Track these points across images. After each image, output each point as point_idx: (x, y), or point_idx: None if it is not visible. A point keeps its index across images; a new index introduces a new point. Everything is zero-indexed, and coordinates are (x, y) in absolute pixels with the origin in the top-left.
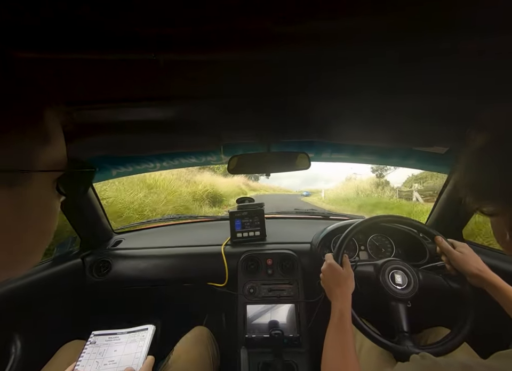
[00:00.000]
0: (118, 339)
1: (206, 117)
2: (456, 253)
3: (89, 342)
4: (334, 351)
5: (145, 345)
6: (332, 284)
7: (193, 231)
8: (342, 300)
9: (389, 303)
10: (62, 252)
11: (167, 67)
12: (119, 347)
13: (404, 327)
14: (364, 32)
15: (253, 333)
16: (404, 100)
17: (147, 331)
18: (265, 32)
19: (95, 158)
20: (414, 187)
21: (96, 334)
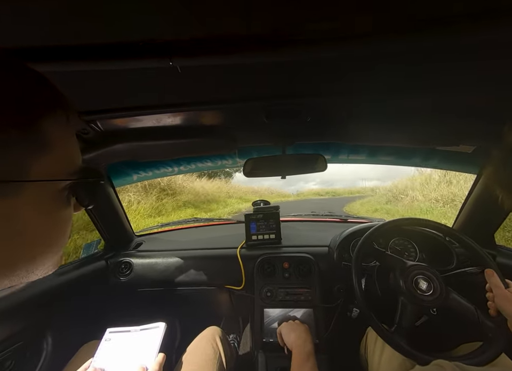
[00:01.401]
0: (132, 336)
1: (221, 121)
2: (504, 291)
3: (104, 339)
4: None
5: (157, 343)
6: (292, 338)
7: (210, 234)
8: (307, 342)
9: (401, 301)
10: (88, 253)
11: (183, 73)
12: (133, 344)
13: (404, 324)
14: (381, 31)
15: (270, 337)
16: (426, 99)
17: (158, 328)
18: (279, 35)
19: (117, 164)
20: None
21: (111, 331)
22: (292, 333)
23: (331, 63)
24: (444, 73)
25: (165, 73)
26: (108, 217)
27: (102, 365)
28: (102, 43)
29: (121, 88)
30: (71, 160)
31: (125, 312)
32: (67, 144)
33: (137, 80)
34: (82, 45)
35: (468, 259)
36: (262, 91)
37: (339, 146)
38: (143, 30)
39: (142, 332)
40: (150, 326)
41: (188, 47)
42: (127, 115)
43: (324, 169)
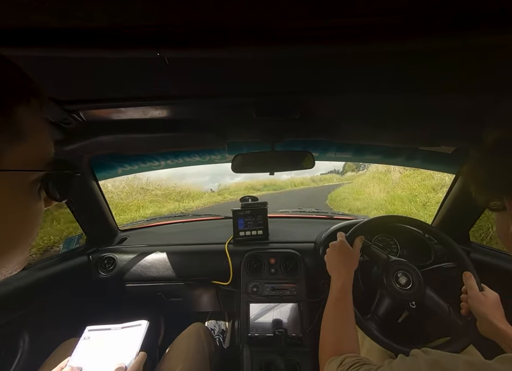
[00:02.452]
0: (112, 334)
1: (210, 115)
2: (478, 294)
3: (83, 338)
4: (334, 322)
5: (138, 341)
6: (337, 260)
7: (197, 229)
8: (346, 276)
9: (379, 292)
10: (69, 248)
11: (171, 65)
12: (112, 343)
13: (379, 313)
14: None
15: (256, 332)
16: (410, 100)
17: (140, 326)
18: (269, 30)
19: (101, 156)
20: None
21: (90, 329)
22: (333, 265)
23: (321, 61)
24: (429, 76)
25: (152, 64)
26: (90, 211)
27: (79, 364)
28: (84, 29)
29: (106, 78)
30: (44, 150)
31: (108, 308)
32: (40, 134)
33: (123, 70)
34: (62, 29)
35: (445, 255)
36: (252, 87)
37: (327, 144)
38: (129, 17)
39: (123, 330)
40: (132, 324)
41: (176, 38)
42: (111, 106)
43: (312, 166)
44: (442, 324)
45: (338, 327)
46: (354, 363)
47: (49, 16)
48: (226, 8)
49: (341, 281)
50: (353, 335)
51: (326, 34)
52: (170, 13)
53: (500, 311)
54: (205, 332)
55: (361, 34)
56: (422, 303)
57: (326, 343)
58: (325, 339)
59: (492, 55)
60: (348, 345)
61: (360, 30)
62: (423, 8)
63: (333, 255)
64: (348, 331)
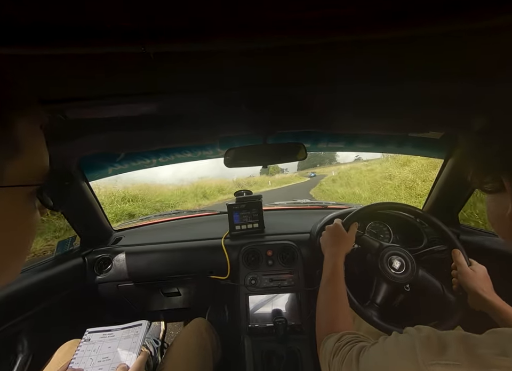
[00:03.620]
0: (112, 335)
1: (201, 110)
2: (467, 269)
3: (83, 340)
4: (327, 301)
5: (139, 341)
6: (330, 241)
7: (193, 226)
8: (337, 256)
9: (376, 280)
10: (62, 251)
11: (158, 60)
12: (113, 344)
13: (377, 300)
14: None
15: (256, 323)
16: (398, 86)
17: (141, 326)
18: (258, 21)
19: (91, 156)
20: None
21: (91, 331)
22: (326, 245)
23: (310, 51)
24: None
25: (138, 59)
26: (82, 212)
27: (81, 366)
28: (67, 25)
29: (91, 75)
30: (41, 162)
31: (106, 308)
32: (38, 145)
33: (109, 66)
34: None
35: (436, 238)
36: (241, 80)
37: (319, 134)
38: (112, 12)
39: (123, 331)
40: (132, 324)
41: (161, 33)
42: (98, 104)
43: (305, 158)
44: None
45: (332, 305)
46: (351, 340)
47: (28, 12)
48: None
49: (332, 261)
50: (347, 313)
51: (313, 25)
52: (155, 7)
53: (488, 284)
54: (207, 327)
55: (348, 25)
56: (416, 283)
57: (321, 322)
58: (320, 318)
59: (473, 41)
60: (342, 322)
61: (346, 20)
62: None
63: (327, 236)
64: (342, 309)
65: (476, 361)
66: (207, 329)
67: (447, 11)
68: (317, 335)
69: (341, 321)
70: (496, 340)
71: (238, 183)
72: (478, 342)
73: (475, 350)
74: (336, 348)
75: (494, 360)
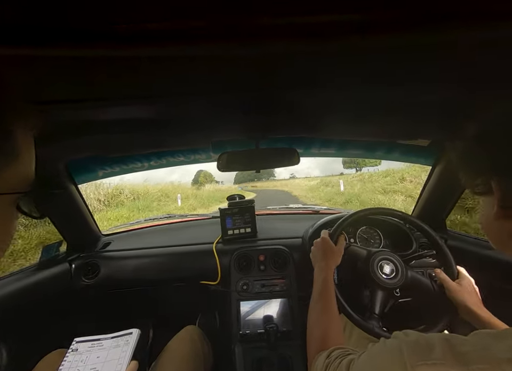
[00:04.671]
0: (101, 345)
1: (193, 114)
2: (453, 284)
3: (71, 349)
4: (318, 318)
5: (129, 350)
6: (319, 255)
7: (184, 230)
8: (327, 270)
9: (370, 288)
10: (48, 256)
11: (150, 64)
12: (102, 353)
13: (376, 310)
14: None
15: (247, 329)
16: (387, 94)
17: (131, 335)
18: (249, 26)
19: (80, 159)
20: None
21: (78, 341)
22: (316, 260)
23: (306, 57)
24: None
25: (130, 62)
26: (70, 216)
27: None
28: (58, 27)
29: (82, 77)
30: (30, 168)
31: (93, 316)
32: (29, 151)
33: (101, 69)
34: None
35: (425, 243)
36: (235, 84)
37: (311, 140)
38: (105, 15)
39: (113, 340)
40: (122, 333)
41: (154, 36)
42: (88, 106)
43: (297, 163)
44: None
45: (323, 321)
46: (340, 354)
47: (20, 13)
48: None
49: (322, 276)
50: (338, 328)
51: (306, 31)
52: (148, 10)
53: (475, 296)
54: (199, 335)
55: (341, 32)
56: (408, 285)
57: (312, 338)
58: (311, 335)
59: (463, 51)
60: (333, 339)
61: (340, 26)
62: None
63: (316, 250)
64: (333, 325)
65: (460, 359)
66: (199, 336)
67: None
68: (308, 352)
69: (331, 337)
70: (478, 338)
71: None
72: (462, 341)
73: (459, 348)
74: (327, 365)
75: (476, 356)
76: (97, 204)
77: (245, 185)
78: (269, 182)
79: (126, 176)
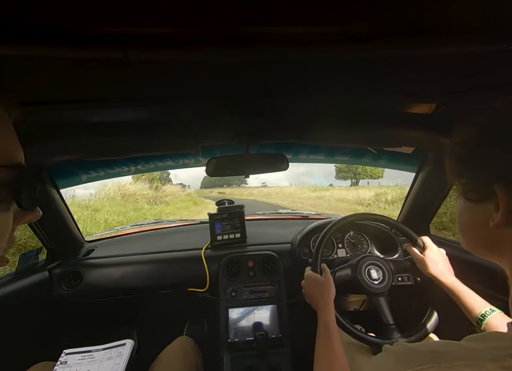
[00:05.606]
0: (93, 357)
1: (182, 118)
2: (418, 257)
3: (59, 362)
4: (322, 361)
5: (123, 362)
6: (314, 295)
7: (172, 236)
8: (326, 309)
9: (371, 300)
10: (26, 264)
11: (140, 67)
12: (93, 366)
13: (389, 320)
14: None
15: (236, 337)
16: (374, 103)
17: (124, 346)
18: (239, 33)
19: (63, 162)
20: None
21: (68, 353)
22: (312, 302)
23: (294, 65)
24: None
25: (119, 65)
26: (50, 222)
27: None
28: (47, 27)
29: (69, 79)
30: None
31: (77, 327)
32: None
33: (88, 70)
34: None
35: None
36: (224, 89)
37: (300, 146)
38: (95, 17)
39: (105, 352)
40: (115, 344)
41: (144, 40)
42: (73, 108)
43: (286, 168)
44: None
45: (328, 359)
46: None
47: (9, 13)
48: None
49: (322, 318)
50: (344, 364)
51: (295, 40)
52: (138, 13)
53: (439, 264)
54: (191, 346)
55: (329, 41)
56: (396, 285)
57: None
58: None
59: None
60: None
61: (327, 36)
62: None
63: (309, 293)
64: (338, 362)
65: (446, 360)
66: (191, 348)
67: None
68: None
69: (336, 368)
70: (463, 341)
71: None
72: (447, 344)
73: (445, 350)
74: None
75: (461, 354)
76: None
77: (210, 191)
78: (240, 188)
79: None
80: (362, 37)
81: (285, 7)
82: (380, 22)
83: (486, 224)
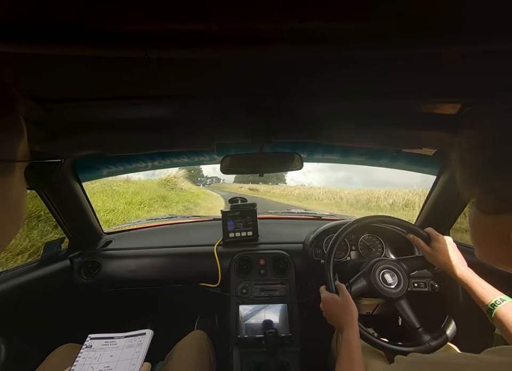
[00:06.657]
0: (115, 343)
1: (199, 117)
2: (426, 249)
3: (85, 346)
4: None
5: (142, 351)
6: (334, 317)
7: (185, 231)
8: (348, 329)
9: (390, 305)
10: (50, 253)
11: (159, 66)
12: (116, 352)
13: (415, 324)
14: (356, 35)
15: (246, 333)
16: (392, 103)
17: (144, 336)
18: (258, 32)
19: (85, 157)
20: None
21: (93, 338)
22: (335, 324)
23: (309, 64)
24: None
25: (139, 63)
26: (73, 213)
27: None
28: (70, 26)
29: (91, 77)
30: (27, 143)
31: (94, 314)
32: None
33: (109, 69)
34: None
35: None
36: (241, 88)
37: (315, 145)
38: (117, 16)
39: (126, 339)
40: (135, 333)
41: (164, 39)
42: (95, 105)
43: (300, 168)
44: None
45: None
46: None
47: (32, 12)
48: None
49: (344, 337)
50: None
51: (313, 38)
52: (159, 11)
53: (449, 256)
54: (206, 341)
55: (348, 41)
56: (412, 291)
57: None
58: None
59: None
60: None
61: (346, 35)
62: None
63: (329, 315)
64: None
65: None
66: (206, 343)
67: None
68: None
69: None
70: (492, 359)
71: None
72: (459, 355)
73: (459, 363)
74: None
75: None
76: None
77: (240, 186)
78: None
79: None
80: (381, 35)
81: (303, 3)
82: (401, 20)
83: (503, 238)
